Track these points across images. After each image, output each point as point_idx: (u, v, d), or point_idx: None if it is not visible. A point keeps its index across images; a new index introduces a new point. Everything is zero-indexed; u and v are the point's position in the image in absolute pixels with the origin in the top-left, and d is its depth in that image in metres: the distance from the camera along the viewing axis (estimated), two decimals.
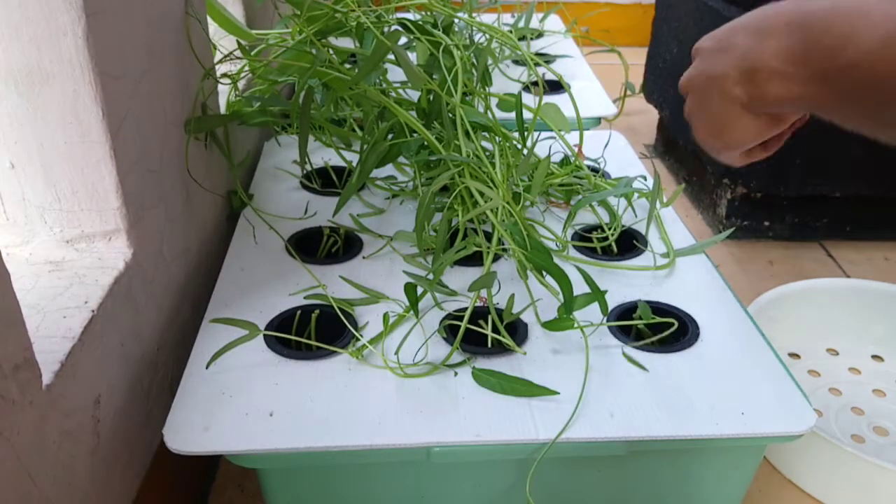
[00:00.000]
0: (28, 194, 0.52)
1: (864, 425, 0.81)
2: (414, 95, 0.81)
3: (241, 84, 0.83)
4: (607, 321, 0.63)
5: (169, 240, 0.63)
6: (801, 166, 1.08)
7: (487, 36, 0.91)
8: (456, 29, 0.92)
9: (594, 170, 0.89)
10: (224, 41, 0.87)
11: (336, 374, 0.57)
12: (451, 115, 0.72)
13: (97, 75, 0.49)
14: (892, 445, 0.79)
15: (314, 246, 0.73)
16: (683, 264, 0.72)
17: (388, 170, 0.86)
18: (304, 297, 0.65)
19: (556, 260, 0.62)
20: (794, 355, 0.59)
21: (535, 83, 1.09)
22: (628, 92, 1.54)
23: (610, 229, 0.75)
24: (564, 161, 0.87)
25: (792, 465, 0.76)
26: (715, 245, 0.75)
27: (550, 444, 0.52)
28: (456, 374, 0.57)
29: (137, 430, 0.57)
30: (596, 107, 1.07)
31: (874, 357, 0.92)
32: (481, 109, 0.81)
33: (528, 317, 0.63)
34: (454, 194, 0.69)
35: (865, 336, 0.93)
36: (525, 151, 0.78)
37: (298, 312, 0.63)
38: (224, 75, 0.76)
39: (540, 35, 1.37)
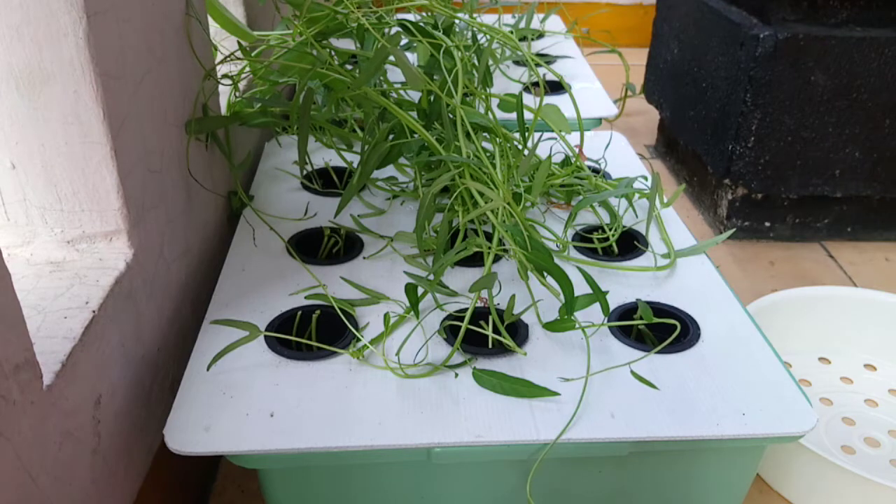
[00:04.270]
0: (29, 195, 0.52)
1: (856, 436, 0.80)
2: (415, 96, 0.81)
3: (241, 85, 0.83)
4: (608, 322, 0.63)
5: (170, 240, 0.63)
6: (801, 167, 1.08)
7: (488, 36, 0.91)
8: (457, 30, 0.92)
9: (595, 170, 0.89)
10: (225, 42, 0.87)
11: (337, 374, 0.57)
12: (451, 115, 0.72)
13: (98, 76, 0.49)
14: (883, 458, 0.77)
15: (315, 246, 0.73)
16: (684, 265, 0.72)
17: (389, 170, 0.86)
18: (305, 298, 0.65)
19: (556, 260, 0.62)
20: (785, 363, 0.59)
21: (536, 84, 1.09)
22: (629, 92, 1.54)
23: (610, 230, 0.75)
24: (565, 162, 0.87)
25: (780, 477, 0.74)
26: (715, 245, 0.75)
27: (551, 444, 0.52)
28: (456, 374, 0.57)
29: (138, 431, 0.57)
30: (596, 107, 1.07)
31: (867, 366, 0.90)
32: (482, 110, 0.81)
33: (528, 317, 0.63)
34: (455, 195, 0.69)
35: (858, 344, 0.91)
36: (526, 152, 0.78)
37: (299, 313, 0.63)
38: (225, 76, 0.76)
39: (541, 36, 1.37)
